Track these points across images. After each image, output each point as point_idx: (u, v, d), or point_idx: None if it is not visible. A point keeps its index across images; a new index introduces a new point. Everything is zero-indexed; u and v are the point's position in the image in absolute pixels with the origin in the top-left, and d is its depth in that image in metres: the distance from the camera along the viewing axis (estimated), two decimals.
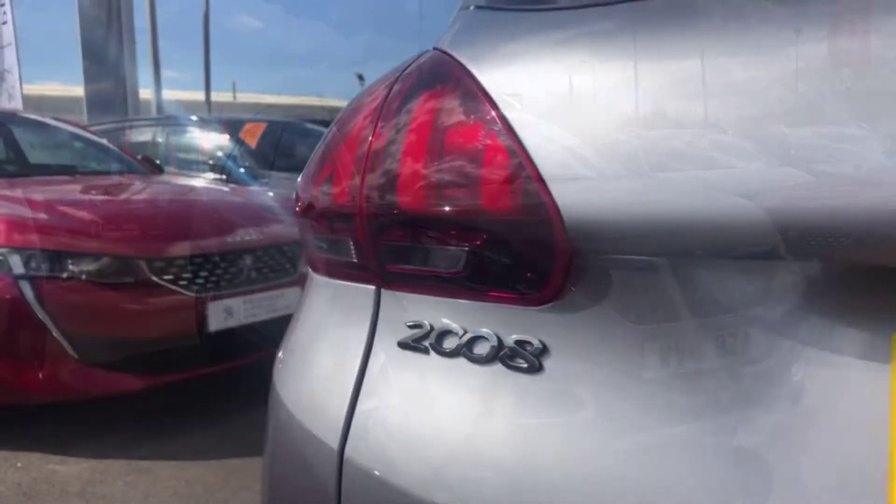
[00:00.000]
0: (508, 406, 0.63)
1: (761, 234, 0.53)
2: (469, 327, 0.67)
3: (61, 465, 3.20)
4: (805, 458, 0.50)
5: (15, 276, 3.36)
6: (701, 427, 0.55)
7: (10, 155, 5.01)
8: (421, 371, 0.69)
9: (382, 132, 0.73)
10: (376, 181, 0.72)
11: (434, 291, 0.69)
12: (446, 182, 0.66)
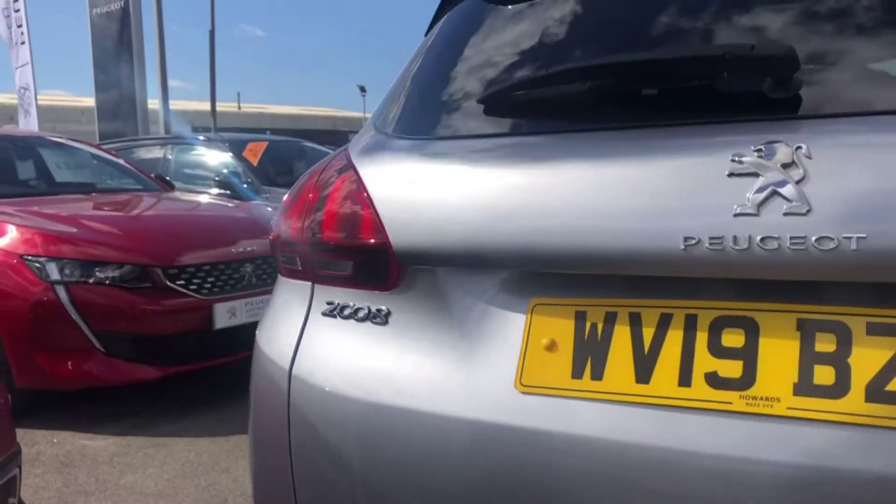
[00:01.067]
0: (373, 341, 1.21)
1: (491, 257, 1.12)
2: (355, 303, 1.26)
3: (90, 440, 3.78)
4: (483, 364, 1.10)
5: (51, 281, 3.95)
6: (453, 350, 1.14)
7: (40, 175, 5.60)
8: (332, 327, 1.28)
9: (313, 196, 1.33)
10: (310, 224, 1.31)
11: (338, 284, 1.28)
12: (342, 226, 1.25)
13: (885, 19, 1.00)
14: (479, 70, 1.30)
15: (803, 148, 0.91)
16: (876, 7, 1.01)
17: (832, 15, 1.05)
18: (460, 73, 1.33)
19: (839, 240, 0.87)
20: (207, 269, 4.29)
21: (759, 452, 0.90)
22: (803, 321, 0.94)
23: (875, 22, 1.01)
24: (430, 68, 1.39)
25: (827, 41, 1.03)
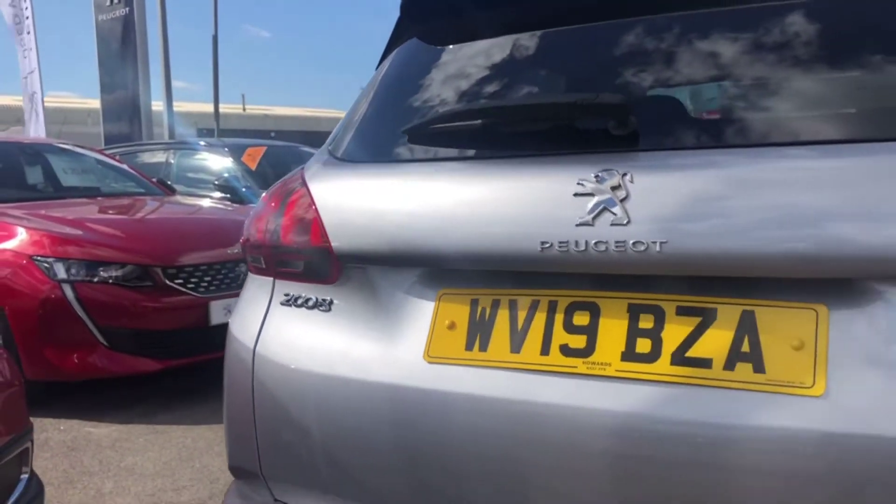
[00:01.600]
0: (319, 325, 1.51)
1: (409, 258, 1.41)
2: (306, 294, 1.55)
3: (95, 427, 4.09)
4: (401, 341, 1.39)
5: (59, 280, 4.25)
6: (379, 330, 1.44)
7: (47, 179, 5.91)
8: (288, 314, 1.57)
9: (275, 207, 1.62)
10: (272, 230, 1.60)
11: (293, 280, 1.58)
12: (296, 233, 1.55)
13: (687, 77, 1.29)
14: (405, 106, 1.60)
15: (628, 175, 1.21)
16: (679, 72, 1.30)
17: (649, 75, 1.34)
18: (392, 108, 1.63)
19: (648, 244, 1.17)
20: (204, 269, 4.59)
21: (595, 403, 1.20)
22: (631, 305, 1.23)
23: (681, 79, 1.30)
24: (370, 102, 1.69)
25: (648, 94, 1.33)
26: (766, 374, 1.12)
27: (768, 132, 1.25)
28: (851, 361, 1.09)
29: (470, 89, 1.55)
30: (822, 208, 1.11)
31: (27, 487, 2.30)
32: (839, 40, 1.28)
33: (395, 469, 1.38)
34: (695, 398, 1.14)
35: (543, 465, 1.23)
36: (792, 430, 1.08)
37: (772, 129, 1.25)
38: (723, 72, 1.34)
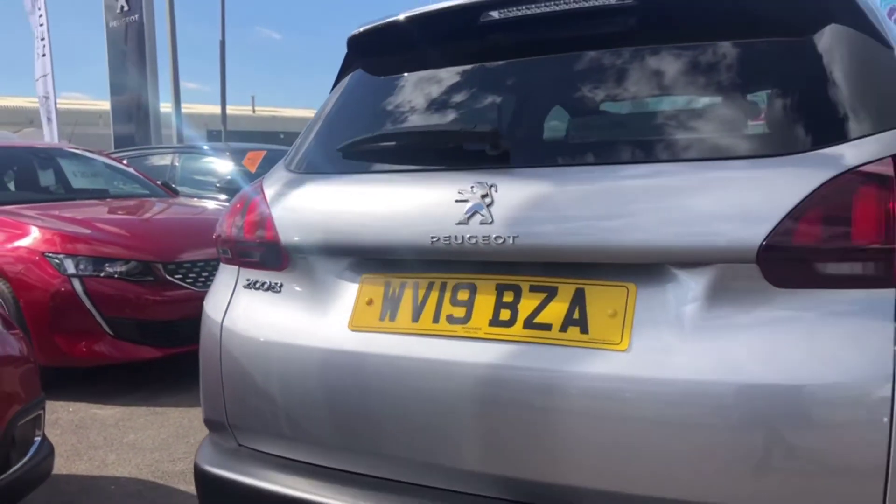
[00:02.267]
0: (271, 303, 1.88)
1: (340, 249, 1.80)
2: (261, 279, 1.93)
3: (100, 409, 4.49)
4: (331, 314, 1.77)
5: (68, 275, 4.66)
6: (316, 307, 1.82)
7: (58, 182, 6.33)
8: (248, 295, 1.95)
9: (239, 208, 2.01)
10: (238, 226, 1.99)
11: (252, 267, 1.96)
12: (254, 230, 1.93)
13: (545, 112, 1.68)
14: (344, 128, 1.99)
15: (494, 186, 1.59)
16: (540, 107, 1.70)
17: (517, 109, 1.74)
18: (334, 129, 2.02)
19: (505, 238, 1.55)
20: (202, 265, 4.99)
21: (469, 358, 1.58)
22: (498, 284, 1.61)
23: (540, 113, 1.69)
24: (318, 124, 2.09)
25: (513, 124, 1.72)
26: (589, 335, 1.50)
27: (595, 155, 1.64)
28: (649, 325, 1.47)
29: (391, 115, 1.94)
30: (630, 213, 1.50)
31: (41, 447, 2.70)
32: (662, 84, 1.67)
33: (325, 413, 1.77)
34: (538, 353, 1.53)
35: (433, 403, 1.61)
36: (604, 375, 1.46)
37: (597, 152, 1.64)
38: (568, 109, 1.73)
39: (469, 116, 1.81)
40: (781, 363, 1.37)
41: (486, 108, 1.82)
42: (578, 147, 1.71)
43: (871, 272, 1.37)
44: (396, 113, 1.96)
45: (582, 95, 1.71)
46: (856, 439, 1.32)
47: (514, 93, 1.81)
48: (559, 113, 1.88)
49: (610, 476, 1.47)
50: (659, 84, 1.68)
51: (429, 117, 1.88)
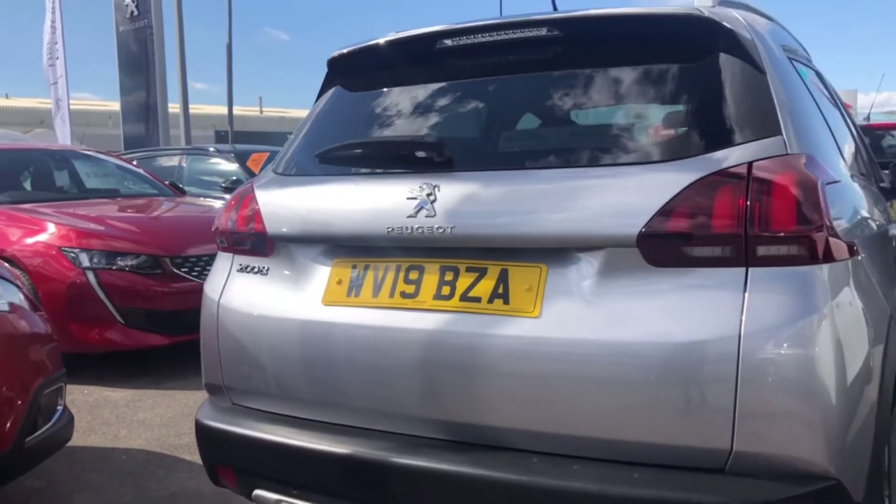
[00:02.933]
0: (260, 283, 2.24)
1: (315, 238, 2.17)
2: (252, 264, 2.28)
3: (112, 391, 4.87)
4: (308, 292, 2.14)
5: (83, 267, 5.05)
6: (296, 286, 2.19)
7: (73, 182, 6.73)
8: (241, 277, 2.31)
9: (234, 204, 2.38)
10: (233, 219, 2.36)
11: (244, 254, 2.32)
12: (246, 222, 2.30)
13: (480, 127, 2.05)
14: (323, 136, 2.37)
15: (437, 186, 1.96)
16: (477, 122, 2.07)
17: (460, 123, 2.11)
18: (314, 138, 2.40)
19: (445, 228, 1.92)
20: (206, 260, 5.36)
21: (416, 325, 1.94)
22: (441, 266, 1.98)
23: (478, 128, 2.06)
24: (301, 134, 2.46)
25: (454, 135, 2.09)
26: (510, 305, 1.87)
27: (518, 161, 2.02)
28: (556, 296, 1.84)
29: (361, 127, 2.32)
30: (543, 208, 1.86)
31: (62, 415, 3.09)
32: (575, 102, 2.05)
33: (302, 374, 2.14)
34: (470, 320, 1.89)
35: (388, 362, 1.98)
36: (520, 336, 1.83)
37: (520, 159, 2.02)
38: (499, 123, 2.10)
39: (421, 128, 2.19)
40: (657, 325, 1.73)
41: (436, 122, 2.19)
42: (505, 155, 2.08)
43: (727, 254, 1.73)
44: (365, 125, 2.33)
45: (509, 111, 2.09)
46: (713, 379, 1.68)
47: (457, 108, 2.19)
48: (492, 126, 2.25)
49: (525, 417, 1.84)
50: (572, 102, 2.06)
51: (390, 129, 2.25)
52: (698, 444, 1.70)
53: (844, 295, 1.78)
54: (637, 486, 1.71)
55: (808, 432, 1.68)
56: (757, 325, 1.66)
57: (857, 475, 1.76)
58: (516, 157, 2.05)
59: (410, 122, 2.25)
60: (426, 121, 2.23)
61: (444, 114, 2.21)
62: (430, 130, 2.16)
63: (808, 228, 1.71)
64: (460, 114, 2.18)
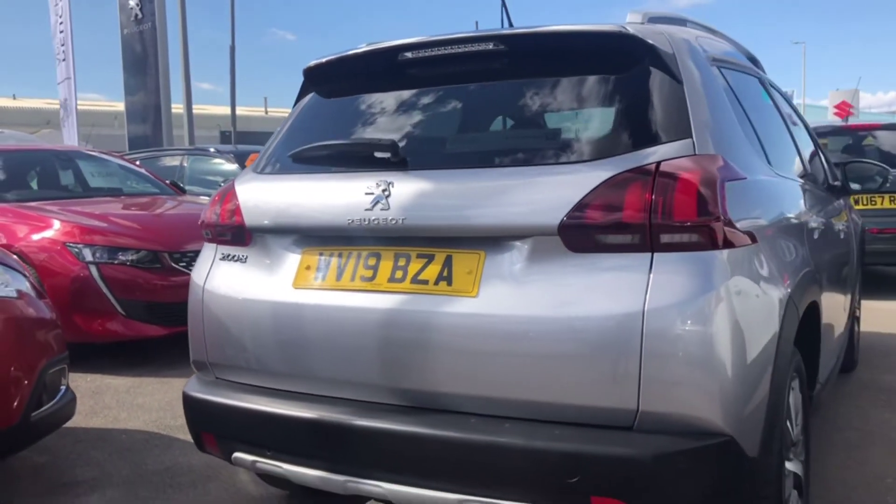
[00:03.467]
0: (239, 270, 2.51)
1: (286, 230, 2.45)
2: (232, 252, 2.56)
3: (113, 379, 5.15)
4: (280, 277, 2.41)
5: (86, 262, 5.33)
6: (270, 272, 2.46)
7: (77, 181, 7.03)
8: (224, 264, 2.57)
9: (217, 199, 2.66)
10: (216, 213, 2.63)
11: (226, 244, 2.59)
12: (227, 216, 2.57)
13: (430, 131, 2.34)
14: (297, 139, 2.65)
15: (392, 183, 2.23)
16: (429, 127, 2.35)
17: (415, 128, 2.39)
18: (289, 140, 2.68)
19: (397, 220, 2.19)
20: None
21: (374, 305, 2.21)
22: (396, 253, 2.26)
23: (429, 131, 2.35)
24: (279, 137, 2.74)
25: (407, 138, 2.37)
26: (453, 287, 2.14)
27: (463, 161, 2.30)
28: (492, 279, 2.11)
29: (330, 130, 2.60)
30: (482, 203, 2.14)
31: (65, 393, 3.37)
32: (512, 109, 2.32)
33: (276, 350, 2.41)
34: (419, 299, 2.17)
35: (349, 337, 2.25)
36: (462, 313, 2.10)
37: (464, 159, 2.30)
38: (447, 127, 2.38)
39: (382, 131, 2.46)
40: (575, 302, 2.01)
41: (395, 125, 2.47)
42: (452, 155, 2.36)
43: (635, 241, 2.00)
44: (335, 128, 2.62)
45: (458, 116, 2.37)
46: (621, 349, 1.94)
47: (413, 113, 2.47)
48: (442, 129, 2.51)
49: (465, 383, 2.12)
50: (510, 108, 2.34)
51: (356, 131, 2.54)
52: (610, 404, 1.98)
53: (741, 277, 2.05)
54: (557, 441, 1.98)
55: (704, 396, 1.95)
56: (659, 303, 1.94)
57: (750, 434, 2.03)
58: (461, 157, 2.34)
59: (373, 126, 2.53)
60: (387, 124, 2.51)
61: (403, 118, 2.49)
62: (388, 133, 2.43)
63: (707, 219, 1.99)
64: (416, 118, 2.46)
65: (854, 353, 4.93)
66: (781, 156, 3.08)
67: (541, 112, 2.38)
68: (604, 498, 1.96)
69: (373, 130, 2.52)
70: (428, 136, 2.41)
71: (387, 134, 2.45)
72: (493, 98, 2.38)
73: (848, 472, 3.36)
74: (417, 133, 2.44)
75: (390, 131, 2.47)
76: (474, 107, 2.41)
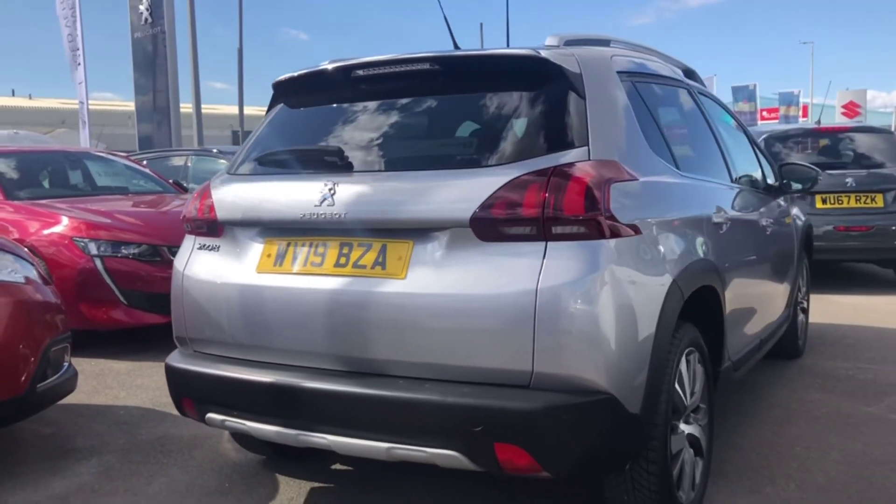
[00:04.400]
0: (212, 258, 2.91)
1: (251, 222, 2.86)
2: (207, 243, 2.95)
3: (115, 363, 5.58)
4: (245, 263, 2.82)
5: (92, 255, 5.77)
6: (237, 259, 2.88)
7: (85, 180, 7.48)
8: (200, 253, 2.96)
9: (196, 196, 3.07)
10: (195, 209, 3.04)
11: (202, 235, 2.99)
12: (202, 211, 2.98)
13: (371, 139, 2.76)
14: (265, 144, 3.06)
15: (337, 184, 2.64)
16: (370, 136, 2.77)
17: (362, 134, 2.81)
18: (258, 145, 3.09)
19: (340, 214, 2.60)
20: None
21: (322, 286, 2.62)
22: (341, 242, 2.66)
23: (370, 140, 2.76)
24: (250, 143, 3.16)
25: (352, 145, 2.79)
26: (386, 271, 2.55)
27: (397, 165, 2.71)
28: (418, 264, 2.51)
29: (293, 137, 3.02)
30: (411, 200, 2.54)
31: (68, 369, 3.80)
32: (439, 120, 2.73)
33: (242, 325, 2.82)
34: (359, 281, 2.57)
35: (301, 314, 2.66)
36: (392, 292, 2.51)
37: (398, 163, 2.72)
38: (386, 135, 2.80)
39: (332, 139, 2.88)
40: (484, 282, 2.41)
41: (346, 132, 2.89)
42: (388, 159, 2.76)
43: (532, 232, 2.40)
44: (297, 135, 3.04)
45: (395, 125, 2.79)
46: (518, 321, 2.34)
47: (361, 122, 2.88)
48: (381, 137, 2.89)
49: (395, 351, 2.52)
50: (438, 119, 2.75)
51: (312, 139, 2.95)
52: (510, 367, 2.38)
53: (622, 262, 2.44)
54: (465, 397, 2.39)
55: (587, 360, 2.35)
56: (549, 283, 2.34)
57: (630, 393, 2.43)
58: (396, 161, 2.75)
59: (327, 133, 2.95)
60: (338, 132, 2.93)
61: (351, 126, 2.90)
62: (338, 140, 2.85)
63: (592, 214, 2.39)
64: (362, 127, 2.87)
65: (798, 341, 5.29)
66: (696, 159, 3.48)
67: (463, 123, 2.79)
68: (504, 444, 2.36)
69: (326, 138, 2.93)
70: (370, 142, 2.82)
71: (336, 141, 2.86)
72: (425, 110, 2.80)
73: (764, 441, 3.75)
74: (361, 140, 2.85)
75: (340, 139, 2.88)
76: (409, 117, 2.82)
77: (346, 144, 2.81)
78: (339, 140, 2.88)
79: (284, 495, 3.28)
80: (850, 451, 3.61)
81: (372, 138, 2.84)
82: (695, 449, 2.93)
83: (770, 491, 3.18)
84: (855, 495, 3.13)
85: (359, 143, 2.84)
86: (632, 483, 2.62)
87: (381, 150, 2.80)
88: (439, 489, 3.26)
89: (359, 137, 2.86)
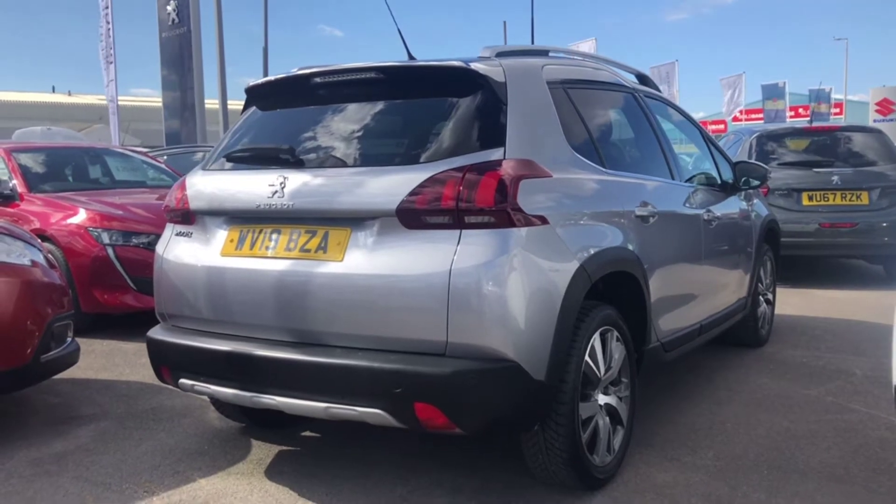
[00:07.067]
0: (186, 243, 3.30)
1: (218, 212, 3.27)
2: (183, 230, 3.35)
3: (125, 343, 6.03)
4: (212, 248, 3.24)
5: (104, 244, 6.23)
6: (206, 244, 3.28)
7: (104, 174, 7.98)
8: (177, 239, 3.35)
9: (173, 189, 3.48)
10: (173, 199, 3.45)
11: (177, 223, 3.38)
12: (178, 202, 3.38)
13: (327, 140, 3.14)
14: (235, 142, 3.46)
15: (287, 177, 3.03)
16: (324, 135, 3.15)
17: (315, 134, 3.19)
18: (229, 143, 3.49)
19: (288, 204, 2.98)
20: None
21: (274, 268, 3.00)
22: (291, 229, 3.05)
23: (326, 140, 3.15)
24: (224, 142, 3.56)
25: (303, 143, 3.17)
26: (327, 254, 2.92)
27: (339, 161, 3.08)
28: (354, 249, 2.88)
29: (259, 136, 3.42)
30: (349, 192, 2.92)
31: (71, 343, 4.24)
32: (379, 123, 3.11)
33: (208, 302, 3.22)
34: (304, 263, 2.94)
35: (256, 292, 3.04)
36: (332, 273, 2.88)
37: (340, 159, 3.09)
38: (330, 134, 3.18)
39: (287, 138, 3.27)
40: (408, 265, 2.77)
41: (297, 133, 3.28)
42: (332, 157, 3.14)
43: (449, 222, 2.76)
44: (262, 134, 3.43)
45: (341, 126, 3.18)
46: (434, 297, 2.70)
47: (315, 123, 3.27)
48: (328, 136, 3.26)
49: (333, 324, 2.89)
50: (376, 121, 3.12)
51: (272, 138, 3.35)
52: (429, 337, 2.74)
53: (527, 248, 2.79)
54: (391, 362, 2.75)
55: (493, 332, 2.70)
56: (461, 265, 2.70)
57: (536, 362, 2.78)
58: (338, 158, 3.13)
59: (284, 133, 3.34)
60: (294, 132, 3.31)
61: (305, 127, 3.29)
62: (292, 139, 3.23)
63: (501, 206, 2.74)
64: (314, 127, 3.26)
65: (761, 330, 5.58)
66: (629, 158, 3.81)
67: (398, 125, 3.16)
68: (423, 403, 2.72)
69: (284, 136, 3.32)
70: (319, 141, 3.20)
71: (292, 140, 3.25)
72: (367, 113, 3.17)
73: (699, 418, 4.06)
74: (312, 139, 3.23)
75: (295, 137, 3.27)
76: (355, 119, 3.19)
77: (299, 143, 3.20)
78: (295, 139, 3.26)
79: (255, 456, 3.67)
80: (775, 427, 3.92)
81: (322, 137, 3.22)
82: (613, 418, 3.27)
83: (688, 459, 3.50)
84: (763, 464, 3.44)
85: (310, 142, 3.22)
86: (544, 443, 2.98)
87: (328, 147, 3.18)
88: (400, 459, 3.64)
89: (311, 136, 3.25)
